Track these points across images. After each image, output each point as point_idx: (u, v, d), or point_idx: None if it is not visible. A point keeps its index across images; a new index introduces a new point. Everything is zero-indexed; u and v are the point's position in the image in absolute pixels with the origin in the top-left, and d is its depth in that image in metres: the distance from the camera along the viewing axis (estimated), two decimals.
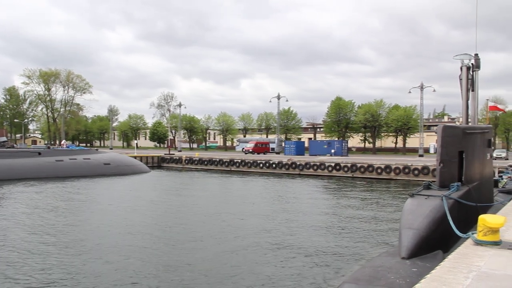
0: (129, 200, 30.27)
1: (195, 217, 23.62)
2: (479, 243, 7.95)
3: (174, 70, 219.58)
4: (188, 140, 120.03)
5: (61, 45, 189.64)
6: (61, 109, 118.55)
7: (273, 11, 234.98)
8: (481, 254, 7.25)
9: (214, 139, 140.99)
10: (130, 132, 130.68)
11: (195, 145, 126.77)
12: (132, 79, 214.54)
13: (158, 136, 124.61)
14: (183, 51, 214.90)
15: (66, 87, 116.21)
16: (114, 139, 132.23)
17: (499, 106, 52.30)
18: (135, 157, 61.73)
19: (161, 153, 77.41)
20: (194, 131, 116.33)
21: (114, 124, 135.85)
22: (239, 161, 60.11)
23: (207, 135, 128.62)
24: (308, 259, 15.04)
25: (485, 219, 7.92)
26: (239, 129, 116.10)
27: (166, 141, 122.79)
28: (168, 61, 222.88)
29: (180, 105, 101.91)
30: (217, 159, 62.65)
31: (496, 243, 7.88)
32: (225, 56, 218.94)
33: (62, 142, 67.89)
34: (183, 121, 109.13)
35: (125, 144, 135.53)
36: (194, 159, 65.41)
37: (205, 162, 63.59)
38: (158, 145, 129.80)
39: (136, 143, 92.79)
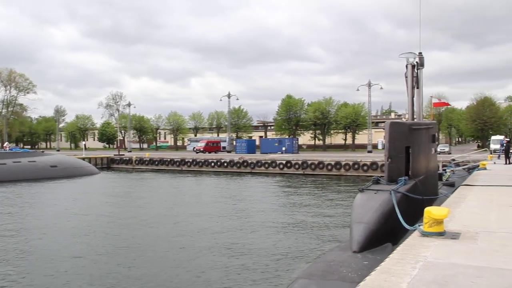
0: (76, 203, 29.25)
1: (145, 219, 23.05)
2: (425, 234, 8.27)
3: (122, 69, 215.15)
4: (138, 140, 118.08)
5: (1, 42, 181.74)
6: (3, 110, 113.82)
7: (223, 9, 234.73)
8: (427, 245, 7.55)
9: (165, 138, 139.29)
10: (78, 133, 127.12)
11: (145, 145, 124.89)
12: (79, 78, 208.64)
13: (107, 136, 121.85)
14: (131, 49, 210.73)
15: (8, 87, 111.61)
16: (61, 140, 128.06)
17: (442, 100, 54.25)
18: (83, 159, 60.10)
19: (111, 154, 75.80)
20: (144, 131, 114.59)
21: (61, 125, 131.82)
22: (190, 160, 59.74)
23: (158, 135, 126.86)
24: (262, 257, 15.14)
25: (430, 211, 8.24)
26: (190, 129, 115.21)
27: (115, 142, 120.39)
28: (116, 59, 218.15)
29: (129, 104, 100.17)
30: (168, 159, 62.01)
31: (441, 234, 8.23)
32: (174, 54, 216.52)
33: (5, 145, 65.13)
34: (133, 121, 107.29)
35: (72, 145, 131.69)
36: (144, 159, 64.48)
37: (156, 162, 62.82)
38: (107, 146, 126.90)
39: (84, 144, 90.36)
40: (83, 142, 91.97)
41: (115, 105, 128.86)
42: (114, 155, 71.99)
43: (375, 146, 76.65)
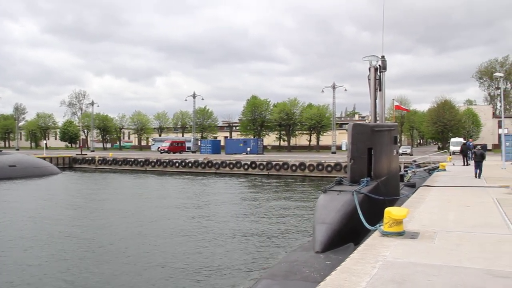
0: (34, 205, 28.31)
1: (104, 221, 22.54)
2: (385, 234, 8.46)
3: (84, 67, 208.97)
4: (101, 140, 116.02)
5: None
6: None
7: (189, 8, 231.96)
8: (387, 245, 7.73)
9: (129, 138, 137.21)
10: (38, 132, 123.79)
11: (109, 145, 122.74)
12: (39, 75, 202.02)
13: (69, 136, 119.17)
14: (94, 46, 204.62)
15: None
16: (20, 139, 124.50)
17: (403, 105, 55.42)
18: (44, 158, 58.59)
19: (73, 153, 74.25)
20: (108, 130, 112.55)
21: (21, 124, 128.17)
22: (155, 160, 59.09)
23: (122, 134, 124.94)
24: (226, 259, 15.13)
25: (390, 212, 8.43)
26: (155, 128, 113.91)
27: (78, 141, 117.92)
28: (78, 56, 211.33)
29: (92, 103, 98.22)
30: (132, 159, 61.16)
31: (400, 234, 8.43)
32: (139, 53, 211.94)
33: None
34: (96, 120, 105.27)
35: (33, 144, 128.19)
36: (107, 159, 63.36)
37: (119, 162, 61.85)
38: (69, 145, 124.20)
39: (46, 144, 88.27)
40: (44, 141, 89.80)
41: (78, 104, 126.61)
42: (77, 154, 70.48)
43: (339, 147, 77.50)
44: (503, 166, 30.15)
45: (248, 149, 72.34)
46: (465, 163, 35.32)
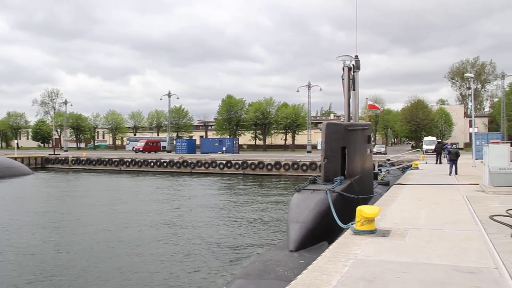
0: (2, 206, 27.93)
1: (80, 222, 22.42)
2: (357, 232, 8.55)
3: (57, 65, 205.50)
4: (75, 139, 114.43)
5: None
6: None
7: (165, 6, 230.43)
8: (358, 243, 7.81)
9: (103, 138, 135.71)
10: (9, 132, 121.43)
11: (83, 145, 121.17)
12: (10, 73, 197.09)
13: (41, 135, 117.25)
14: (67, 44, 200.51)
15: None
16: None
17: (376, 105, 56.12)
18: (15, 158, 57.47)
19: (46, 153, 73.03)
20: (82, 129, 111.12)
21: None
22: (129, 160, 58.55)
23: (96, 134, 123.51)
24: (200, 257, 15.11)
25: (362, 210, 8.52)
26: (129, 128, 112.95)
27: (51, 141, 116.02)
28: (51, 54, 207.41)
29: (65, 102, 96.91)
30: (106, 159, 60.47)
31: (372, 232, 8.52)
32: (113, 51, 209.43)
33: None
34: (70, 119, 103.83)
35: (4, 144, 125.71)
36: (81, 159, 62.52)
37: (93, 162, 61.08)
38: (42, 145, 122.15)
39: (17, 143, 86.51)
40: (15, 141, 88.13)
41: (51, 103, 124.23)
42: (49, 154, 69.36)
43: (314, 146, 77.90)
44: (474, 164, 30.74)
45: (224, 148, 72.29)
46: (438, 162, 35.94)
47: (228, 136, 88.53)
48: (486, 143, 25.15)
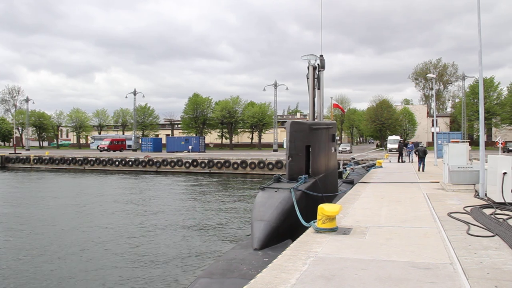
0: None
1: (39, 224, 21.86)
2: (318, 230, 8.64)
3: (18, 61, 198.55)
4: (37, 138, 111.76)
5: None
6: None
7: (131, 2, 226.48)
8: (319, 241, 7.89)
9: (67, 136, 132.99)
10: None
11: (46, 143, 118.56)
12: None
13: (2, 134, 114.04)
14: (28, 39, 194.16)
15: None
16: None
17: (341, 105, 57.00)
18: None
19: (6, 152, 71.08)
20: (44, 128, 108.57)
21: None
22: (94, 159, 57.61)
23: (59, 132, 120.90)
24: (164, 258, 14.98)
25: (323, 208, 8.61)
26: (94, 126, 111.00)
27: (11, 140, 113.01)
28: (10, 49, 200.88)
29: (27, 100, 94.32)
30: (70, 158, 59.29)
31: (333, 230, 8.63)
32: (77, 47, 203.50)
33: None
34: (32, 117, 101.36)
35: None
36: (43, 158, 61.10)
37: (56, 161, 59.79)
38: (2, 144, 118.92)
39: None
40: None
41: (12, 100, 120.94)
42: (10, 153, 67.47)
43: (281, 145, 78.20)
44: (435, 163, 31.47)
45: (190, 147, 71.91)
46: (400, 160, 36.66)
47: (194, 135, 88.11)
48: (447, 142, 25.85)
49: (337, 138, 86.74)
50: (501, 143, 26.77)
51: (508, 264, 6.47)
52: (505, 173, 11.93)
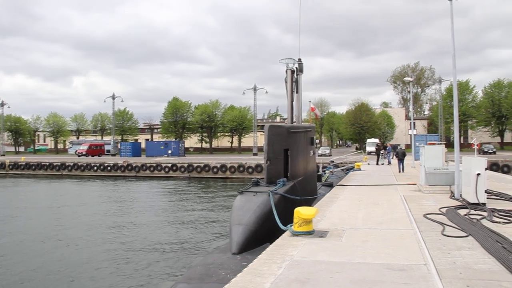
0: None
1: (14, 230, 21.61)
2: (295, 234, 8.65)
3: None
4: (13, 143, 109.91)
5: None
6: None
7: (109, 4, 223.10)
8: (295, 244, 7.90)
9: (44, 141, 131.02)
10: None
11: (22, 149, 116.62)
12: None
13: None
14: (3, 41, 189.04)
15: None
16: None
17: (316, 111, 57.40)
18: None
19: None
20: (21, 133, 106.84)
21: None
22: (72, 164, 56.90)
23: (36, 137, 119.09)
24: (143, 263, 14.86)
25: (299, 211, 8.63)
26: (72, 131, 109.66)
27: None
28: None
29: (2, 104, 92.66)
30: (47, 163, 58.44)
31: (309, 233, 8.64)
32: (54, 50, 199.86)
33: None
34: (7, 122, 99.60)
35: None
36: (19, 163, 60.07)
37: (33, 167, 58.85)
38: None
39: None
40: None
41: None
42: None
43: (260, 149, 78.23)
44: (413, 165, 31.82)
45: (169, 151, 71.58)
46: (378, 163, 37.02)
47: (174, 139, 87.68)
48: (424, 145, 26.18)
49: (317, 141, 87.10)
50: (477, 145, 27.15)
51: (480, 263, 6.58)
52: (478, 174, 12.12)
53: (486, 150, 61.35)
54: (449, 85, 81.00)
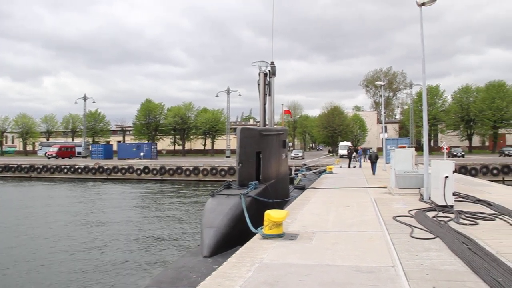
0: None
1: None
2: (265, 236, 8.65)
3: None
4: None
5: None
6: None
7: (81, 3, 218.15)
8: (265, 247, 7.89)
9: (13, 143, 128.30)
10: None
11: None
12: None
13: None
14: None
15: None
16: None
17: (291, 111, 57.82)
18: None
19: None
20: None
21: None
22: (41, 166, 55.90)
23: (4, 138, 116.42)
24: (112, 268, 14.68)
25: (270, 214, 8.63)
26: (42, 132, 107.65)
27: None
28: None
29: None
30: (15, 165, 57.26)
31: (280, 235, 8.65)
32: (24, 49, 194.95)
33: None
34: None
35: None
36: None
37: (0, 169, 57.57)
38: None
39: None
40: None
41: None
42: None
43: (234, 151, 78.06)
44: (384, 167, 32.23)
45: (142, 153, 71.02)
46: (350, 166, 37.38)
47: (146, 141, 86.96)
48: (395, 148, 26.55)
49: (290, 144, 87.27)
50: (446, 148, 27.67)
51: (446, 264, 6.69)
52: (446, 177, 12.34)
53: (455, 153, 62.65)
54: (419, 90, 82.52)
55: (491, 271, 6.16)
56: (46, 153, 79.27)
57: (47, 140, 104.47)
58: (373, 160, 29.62)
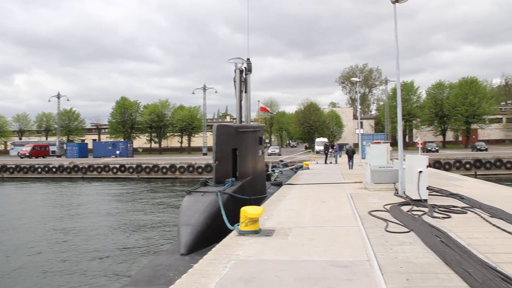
0: None
1: None
2: (241, 233, 8.67)
3: None
4: None
5: None
6: None
7: None
8: (242, 244, 7.91)
9: None
10: None
11: None
12: None
13: None
14: None
15: None
16: None
17: (268, 108, 57.91)
18: None
19: None
20: None
21: None
22: (13, 166, 54.80)
23: None
24: (88, 267, 14.52)
25: (246, 211, 8.65)
26: (14, 131, 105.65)
27: None
28: None
29: None
30: None
31: (256, 232, 8.68)
32: None
33: None
34: None
35: None
36: None
37: None
38: None
39: None
40: None
41: None
42: None
43: (210, 149, 77.82)
44: (360, 163, 32.52)
45: (117, 152, 70.36)
46: (326, 162, 37.65)
47: (122, 139, 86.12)
48: (370, 143, 26.81)
49: (266, 141, 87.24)
50: (421, 143, 28.04)
51: (420, 257, 6.81)
52: (420, 172, 12.52)
53: (429, 148, 63.65)
54: (394, 86, 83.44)
55: (462, 262, 6.30)
56: (19, 152, 77.78)
57: (20, 139, 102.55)
58: (350, 155, 30.53)
